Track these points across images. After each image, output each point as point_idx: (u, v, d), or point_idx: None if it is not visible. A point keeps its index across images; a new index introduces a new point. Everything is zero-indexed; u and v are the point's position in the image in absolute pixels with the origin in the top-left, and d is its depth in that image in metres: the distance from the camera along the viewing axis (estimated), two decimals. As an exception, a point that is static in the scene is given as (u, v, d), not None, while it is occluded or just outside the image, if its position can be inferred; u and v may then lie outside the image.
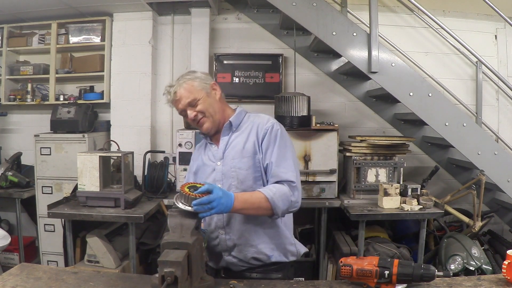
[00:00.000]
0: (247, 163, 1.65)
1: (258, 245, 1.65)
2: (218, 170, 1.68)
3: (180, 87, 1.67)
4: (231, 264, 1.67)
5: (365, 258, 1.39)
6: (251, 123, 1.72)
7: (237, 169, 1.64)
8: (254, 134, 1.67)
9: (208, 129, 1.70)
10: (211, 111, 1.68)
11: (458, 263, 2.72)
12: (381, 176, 3.06)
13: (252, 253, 1.65)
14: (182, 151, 3.09)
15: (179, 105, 1.68)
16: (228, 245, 1.66)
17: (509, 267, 1.38)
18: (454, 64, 3.75)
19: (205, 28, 3.63)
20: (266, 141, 1.65)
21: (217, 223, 1.67)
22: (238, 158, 1.65)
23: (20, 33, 3.93)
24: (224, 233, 1.66)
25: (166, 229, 1.40)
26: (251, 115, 1.78)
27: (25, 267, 1.56)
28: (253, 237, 1.65)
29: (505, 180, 2.95)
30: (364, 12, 3.12)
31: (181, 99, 1.66)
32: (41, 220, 3.54)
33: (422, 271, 1.33)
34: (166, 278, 1.19)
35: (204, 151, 1.78)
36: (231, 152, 1.68)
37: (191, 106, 1.66)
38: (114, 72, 3.72)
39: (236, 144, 1.68)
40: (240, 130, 1.72)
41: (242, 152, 1.66)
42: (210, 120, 1.69)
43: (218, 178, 1.67)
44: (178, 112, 1.74)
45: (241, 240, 1.65)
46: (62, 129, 3.54)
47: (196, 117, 1.67)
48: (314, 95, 3.54)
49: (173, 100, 1.70)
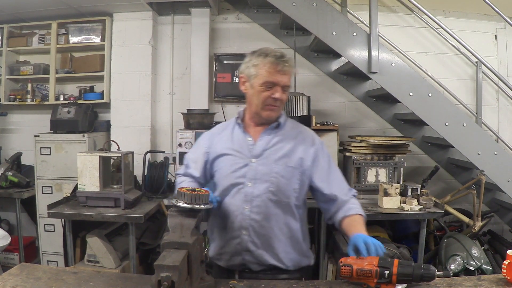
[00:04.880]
0: (290, 172, 1.61)
1: (279, 253, 1.63)
2: (252, 168, 1.61)
3: (290, 67, 1.60)
4: (249, 262, 1.64)
5: (365, 258, 1.38)
6: (295, 132, 1.69)
7: (279, 176, 1.60)
8: (303, 150, 1.65)
9: (273, 117, 1.64)
10: (283, 107, 1.68)
11: (458, 263, 2.72)
12: (381, 176, 3.06)
13: (272, 260, 1.62)
14: (182, 151, 3.08)
15: (281, 78, 1.57)
16: (249, 247, 1.62)
17: (509, 267, 1.38)
18: (454, 64, 3.75)
19: (205, 28, 3.63)
20: (319, 162, 1.66)
21: (241, 223, 1.61)
22: (282, 165, 1.61)
23: (20, 33, 3.93)
24: (247, 234, 1.61)
25: (166, 229, 1.39)
26: (293, 122, 1.75)
27: (25, 267, 1.55)
28: (276, 245, 1.62)
29: (505, 180, 2.95)
30: (364, 12, 3.12)
31: (286, 75, 1.59)
32: (41, 220, 3.54)
33: (422, 271, 1.33)
34: (162, 283, 1.15)
35: (229, 139, 1.69)
36: (273, 155, 1.62)
37: (282, 88, 1.60)
38: (114, 72, 3.72)
39: (279, 148, 1.63)
40: (282, 133, 1.67)
41: (287, 160, 1.62)
42: (279, 111, 1.65)
43: (250, 176, 1.61)
44: (262, 80, 1.58)
45: (264, 246, 1.62)
46: (62, 129, 3.53)
47: (280, 99, 1.60)
48: (314, 95, 3.54)
49: (275, 66, 1.56)
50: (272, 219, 1.61)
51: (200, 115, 3.24)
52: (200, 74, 3.63)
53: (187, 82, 3.72)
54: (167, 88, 3.84)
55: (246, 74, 1.64)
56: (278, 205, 1.62)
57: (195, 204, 1.41)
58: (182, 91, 3.79)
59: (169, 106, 3.83)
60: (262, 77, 1.58)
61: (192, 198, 1.40)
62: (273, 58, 1.57)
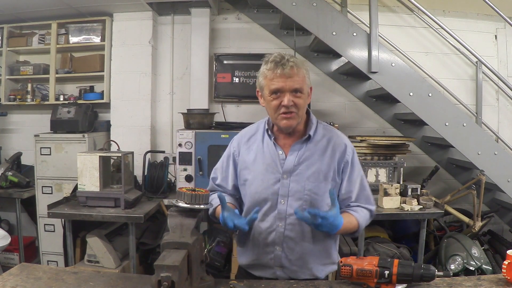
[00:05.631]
0: (324, 188, 1.54)
1: (312, 268, 1.58)
2: (285, 185, 1.54)
3: (298, 69, 1.48)
4: (280, 277, 1.58)
5: (365, 258, 1.38)
6: (326, 141, 1.59)
7: (312, 194, 1.53)
8: (335, 161, 1.56)
9: (290, 126, 1.52)
10: (302, 112, 1.53)
11: (458, 263, 2.72)
12: (381, 176, 3.06)
13: (306, 275, 1.58)
14: (182, 151, 3.08)
15: (285, 83, 1.46)
16: (283, 263, 1.57)
17: (509, 267, 1.38)
18: (454, 64, 3.75)
19: (205, 28, 3.63)
20: (347, 173, 1.58)
21: (275, 240, 1.56)
22: (315, 182, 1.53)
23: (20, 33, 3.93)
24: (281, 250, 1.56)
25: (166, 229, 1.39)
26: (325, 126, 1.65)
27: (25, 267, 1.55)
28: (310, 259, 1.57)
29: (505, 180, 2.95)
30: (364, 12, 3.12)
31: (292, 79, 1.46)
32: (41, 220, 3.53)
33: (422, 271, 1.33)
34: (162, 283, 1.15)
35: (260, 149, 1.60)
36: (305, 171, 1.54)
37: (293, 93, 1.48)
38: (114, 72, 3.72)
39: (311, 163, 1.55)
40: (313, 144, 1.58)
41: (319, 175, 1.54)
42: (297, 119, 1.52)
43: (282, 193, 1.54)
44: (270, 89, 1.49)
45: (298, 262, 1.57)
46: (62, 129, 3.53)
47: (291, 106, 1.47)
48: (314, 95, 3.48)
49: (280, 72, 1.46)
50: (306, 236, 1.56)
51: (200, 115, 3.24)
52: (200, 74, 3.63)
53: (187, 82, 3.72)
54: (167, 88, 3.84)
55: (258, 86, 1.58)
56: None
57: (195, 204, 1.41)
58: (182, 91, 3.79)
59: (169, 106, 3.83)
60: (267, 87, 1.51)
61: (192, 198, 1.40)
62: (272, 64, 1.48)
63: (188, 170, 3.08)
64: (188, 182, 3.06)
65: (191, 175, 3.07)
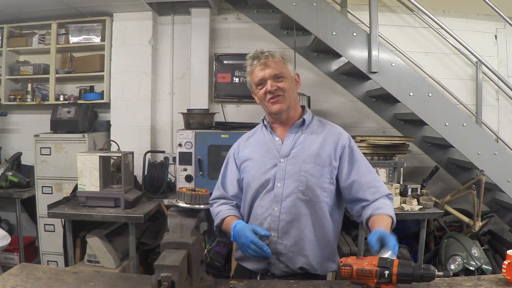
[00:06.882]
0: (320, 171, 1.57)
1: (309, 256, 1.57)
2: (281, 168, 1.58)
3: (273, 57, 1.59)
4: (274, 267, 1.58)
5: (365, 258, 1.38)
6: (322, 128, 1.66)
7: (308, 175, 1.56)
8: (331, 147, 1.60)
9: (280, 110, 1.60)
10: (290, 95, 1.61)
11: (458, 263, 2.72)
12: (381, 176, 3.05)
13: (302, 263, 1.57)
14: (182, 151, 3.08)
15: (264, 71, 1.57)
16: (278, 249, 1.57)
17: (509, 267, 1.38)
18: (454, 64, 3.75)
19: (205, 28, 3.63)
20: (346, 158, 1.60)
21: (270, 225, 1.57)
22: (311, 163, 1.57)
23: (20, 33, 3.93)
24: (276, 236, 1.56)
25: (166, 229, 1.39)
26: (320, 119, 1.72)
27: (25, 267, 1.55)
28: (307, 247, 1.57)
29: (505, 180, 2.95)
30: (364, 12, 3.12)
31: (269, 67, 1.57)
32: (41, 220, 3.54)
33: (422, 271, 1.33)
34: (162, 283, 1.14)
35: (257, 142, 1.68)
36: (301, 154, 1.59)
37: (274, 79, 1.58)
38: (114, 72, 3.72)
39: (307, 146, 1.60)
40: (309, 131, 1.64)
41: (316, 158, 1.58)
42: (286, 102, 1.60)
43: (279, 176, 1.58)
44: (254, 82, 1.62)
45: (294, 248, 1.56)
46: (62, 129, 3.53)
47: (275, 90, 1.57)
48: (314, 95, 3.55)
49: (257, 64, 1.58)
50: (302, 219, 1.57)
51: (200, 115, 3.24)
52: (200, 74, 3.63)
53: (187, 82, 3.72)
54: (167, 88, 3.84)
55: (249, 85, 1.68)
56: (309, 205, 1.57)
57: (195, 204, 1.41)
58: (182, 91, 3.79)
59: (169, 106, 3.83)
60: (253, 82, 1.63)
61: (192, 198, 1.40)
62: (250, 59, 1.61)
63: (188, 170, 3.08)
64: (188, 182, 3.06)
65: (191, 175, 3.07)
